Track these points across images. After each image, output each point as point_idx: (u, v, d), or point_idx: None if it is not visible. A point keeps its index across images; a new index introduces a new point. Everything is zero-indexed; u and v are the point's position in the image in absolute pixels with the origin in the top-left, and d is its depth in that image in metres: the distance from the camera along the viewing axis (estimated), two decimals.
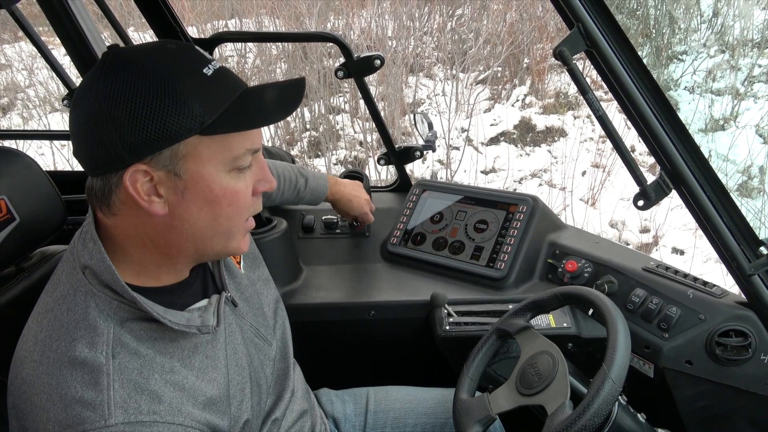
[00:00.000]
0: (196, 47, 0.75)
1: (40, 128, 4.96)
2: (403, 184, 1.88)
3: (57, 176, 1.09)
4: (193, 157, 0.70)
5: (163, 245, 0.76)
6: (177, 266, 0.80)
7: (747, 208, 3.30)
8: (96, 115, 0.68)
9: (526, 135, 4.59)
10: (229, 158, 0.72)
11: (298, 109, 4.84)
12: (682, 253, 3.22)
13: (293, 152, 4.57)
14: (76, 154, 0.73)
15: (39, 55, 2.13)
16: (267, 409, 0.94)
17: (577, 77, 1.00)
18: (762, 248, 1.04)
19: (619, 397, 1.02)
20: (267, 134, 4.60)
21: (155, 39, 1.84)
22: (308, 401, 1.09)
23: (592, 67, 1.03)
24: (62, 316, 0.72)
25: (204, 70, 0.71)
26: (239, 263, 0.98)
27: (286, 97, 0.74)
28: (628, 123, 1.05)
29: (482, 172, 4.17)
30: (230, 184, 0.74)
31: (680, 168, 1.02)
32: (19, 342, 0.76)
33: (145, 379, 0.71)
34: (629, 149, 1.05)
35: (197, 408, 0.74)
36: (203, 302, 0.83)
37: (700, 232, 1.08)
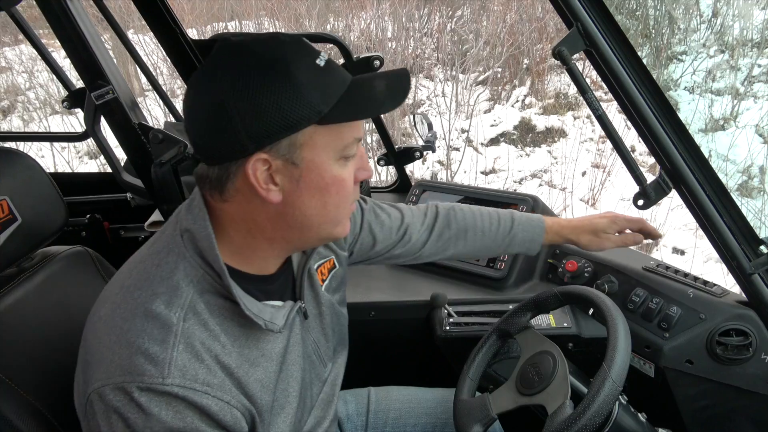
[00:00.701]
0: (304, 39, 0.75)
1: (40, 130, 4.97)
2: (403, 185, 1.88)
3: (58, 178, 1.10)
4: (309, 146, 0.72)
5: (270, 231, 0.78)
6: (273, 254, 0.82)
7: (747, 207, 3.30)
8: (219, 108, 0.69)
9: (526, 135, 4.60)
10: (340, 147, 0.74)
11: None
12: (682, 253, 3.22)
13: None
14: (195, 144, 0.75)
15: (39, 57, 2.14)
16: (305, 430, 0.93)
17: (576, 77, 1.00)
18: (762, 247, 1.03)
19: (620, 396, 1.02)
20: None
21: (155, 41, 1.84)
22: (336, 425, 1.07)
23: (591, 67, 1.03)
24: (151, 269, 0.76)
25: (317, 61, 0.72)
26: (324, 281, 0.98)
27: (395, 87, 0.75)
28: (628, 123, 1.05)
29: (482, 172, 4.18)
30: (338, 172, 0.76)
31: (680, 167, 1.02)
32: (108, 284, 0.81)
33: (206, 350, 0.73)
34: (629, 149, 1.05)
35: (239, 397, 0.76)
36: (278, 303, 0.84)
37: (700, 232, 1.08)
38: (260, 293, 0.81)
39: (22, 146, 4.02)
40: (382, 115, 1.82)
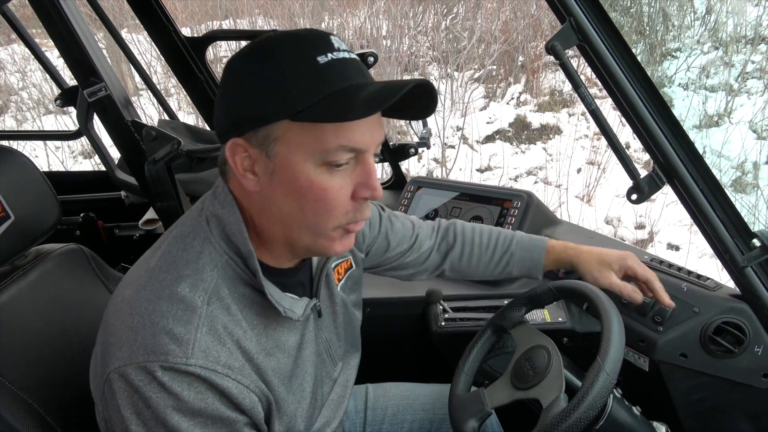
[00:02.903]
0: (333, 36, 0.74)
1: (34, 129, 4.94)
2: (398, 182, 1.88)
3: (52, 177, 1.09)
4: (284, 142, 0.71)
5: (258, 225, 0.78)
6: (274, 252, 0.81)
7: (741, 203, 3.32)
8: (218, 90, 0.75)
9: (521, 133, 4.61)
10: (318, 150, 0.70)
11: None
12: (677, 249, 3.24)
13: None
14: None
15: (32, 56, 2.13)
16: (316, 429, 0.93)
17: (569, 71, 1.00)
18: (755, 240, 1.04)
19: (614, 390, 1.03)
20: None
21: (149, 40, 1.84)
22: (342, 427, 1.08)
23: (586, 64, 1.03)
24: (177, 252, 0.76)
25: (318, 58, 0.70)
26: (339, 280, 0.98)
27: (379, 97, 0.69)
28: (623, 120, 1.05)
29: (478, 170, 4.18)
30: (319, 178, 0.72)
31: (672, 161, 1.02)
32: (132, 268, 0.80)
33: (228, 334, 0.73)
34: (624, 146, 1.05)
35: (259, 382, 0.77)
36: (296, 297, 0.84)
37: (695, 228, 1.08)
38: (278, 286, 0.81)
39: (15, 145, 3.99)
40: None
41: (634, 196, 1.07)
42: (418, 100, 0.74)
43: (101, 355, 0.74)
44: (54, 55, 2.62)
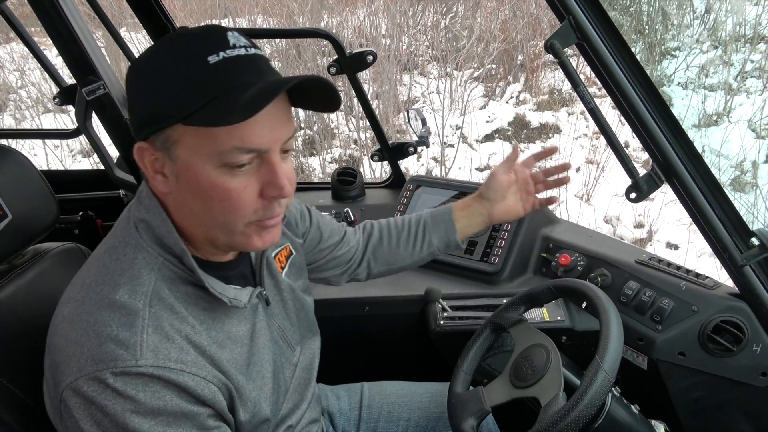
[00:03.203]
0: (229, 30, 0.72)
1: (33, 128, 4.94)
2: (397, 181, 1.88)
3: (50, 176, 1.09)
4: (182, 145, 0.70)
5: (179, 225, 0.78)
6: (203, 248, 0.81)
7: (740, 202, 3.32)
8: (126, 91, 0.74)
9: (520, 132, 4.60)
10: (214, 152, 0.70)
11: (292, 108, 4.83)
12: (676, 248, 3.24)
13: None
14: None
15: (31, 55, 2.12)
16: (283, 414, 0.94)
17: (568, 70, 1.00)
18: (753, 239, 1.04)
19: (613, 388, 1.03)
20: None
21: (148, 39, 1.83)
22: (317, 411, 1.09)
23: (585, 63, 1.03)
24: (110, 263, 0.76)
25: (209, 58, 0.68)
26: (283, 268, 0.99)
27: (260, 98, 0.67)
28: (622, 119, 1.06)
29: (477, 169, 4.18)
30: (220, 180, 0.71)
31: (671, 159, 1.02)
32: (68, 287, 0.80)
33: (175, 332, 0.73)
34: (623, 145, 1.05)
35: (216, 373, 0.76)
36: (239, 287, 0.84)
37: (694, 227, 1.08)
38: (220, 279, 0.81)
39: (14, 144, 3.99)
40: (376, 111, 1.82)
41: (633, 195, 1.07)
42: (323, 92, 0.74)
43: (51, 378, 0.73)
44: (53, 54, 2.62)
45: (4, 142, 3.40)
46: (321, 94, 0.74)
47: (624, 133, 3.76)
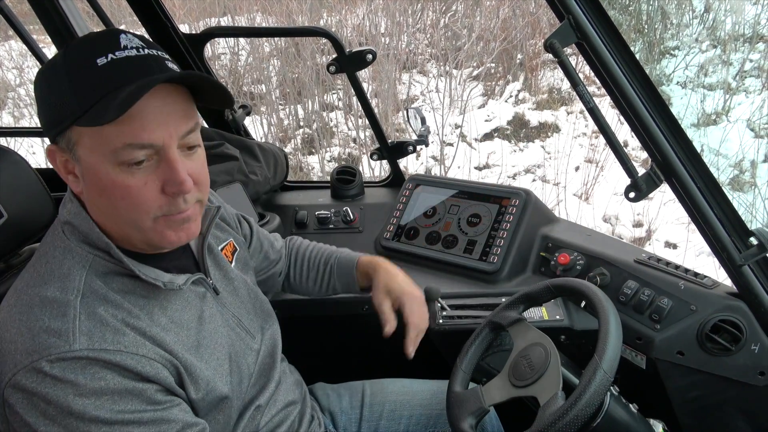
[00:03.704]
0: (124, 33, 0.74)
1: (32, 126, 4.93)
2: (396, 179, 1.88)
3: (48, 174, 1.09)
4: (81, 146, 0.73)
5: (96, 221, 0.79)
6: (127, 243, 0.81)
7: (739, 201, 3.33)
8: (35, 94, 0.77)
9: (519, 131, 4.60)
10: (108, 151, 0.71)
11: (291, 107, 4.83)
12: (675, 247, 3.24)
13: (287, 149, 4.56)
14: None
15: (30, 53, 2.12)
16: (251, 395, 0.96)
17: (567, 69, 1.00)
18: (752, 239, 1.04)
19: (611, 387, 1.03)
20: (261, 131, 4.59)
21: (147, 37, 1.83)
22: (297, 393, 1.10)
23: (585, 62, 1.03)
24: (40, 267, 0.78)
25: (98, 60, 0.70)
26: (231, 263, 1.02)
27: (132, 96, 0.69)
28: (621, 118, 1.06)
29: (476, 167, 4.18)
30: (119, 178, 0.73)
31: (670, 159, 1.02)
32: (3, 300, 0.81)
33: (111, 316, 0.74)
34: (622, 144, 1.06)
35: (159, 352, 0.77)
36: (175, 275, 0.85)
37: (693, 226, 1.08)
38: (157, 266, 0.83)
39: (12, 142, 3.98)
40: (375, 110, 1.82)
41: (632, 195, 1.07)
42: (213, 88, 0.76)
43: None
44: (51, 52, 2.61)
45: (2, 140, 3.39)
46: (213, 90, 0.77)
47: (623, 131, 3.77)
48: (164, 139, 0.73)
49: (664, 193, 3.30)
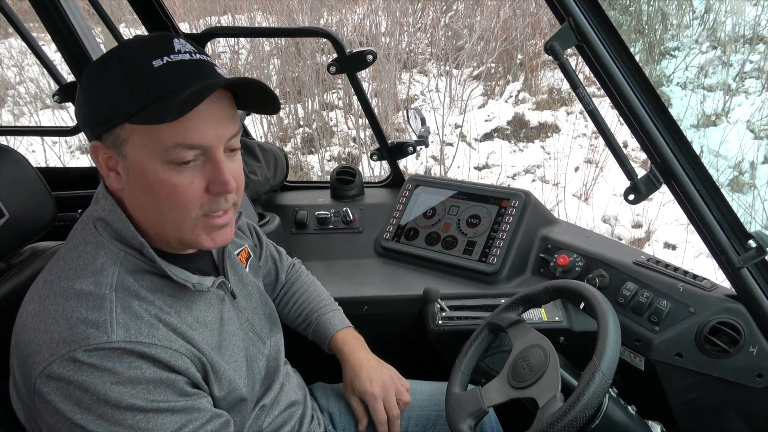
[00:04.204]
0: (176, 38, 0.76)
1: (31, 125, 4.92)
2: (396, 180, 1.88)
3: (48, 173, 1.09)
4: (131, 143, 0.75)
5: (135, 219, 0.81)
6: (162, 242, 0.83)
7: (738, 203, 3.33)
8: (78, 93, 0.77)
9: (519, 131, 4.60)
10: (159, 150, 0.74)
11: (291, 106, 4.83)
12: (674, 248, 3.24)
13: (287, 149, 4.56)
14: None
15: (29, 51, 2.11)
16: (257, 396, 0.98)
17: (568, 72, 1.01)
18: (750, 241, 1.04)
19: (610, 389, 1.03)
20: (260, 130, 4.59)
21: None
22: (300, 394, 1.11)
23: (585, 63, 1.03)
24: (72, 261, 0.78)
25: (154, 62, 0.73)
26: (246, 266, 1.04)
27: (193, 98, 0.72)
28: (621, 119, 1.06)
29: (476, 168, 4.18)
30: (166, 176, 0.75)
31: (670, 162, 1.02)
32: (30, 288, 0.82)
33: (145, 311, 0.76)
34: (621, 145, 1.06)
35: (190, 348, 0.80)
36: (201, 276, 0.89)
37: (692, 227, 1.09)
38: (185, 266, 0.86)
39: (12, 141, 3.98)
40: (375, 110, 1.82)
41: (631, 197, 1.08)
42: (262, 94, 0.78)
43: (21, 375, 0.75)
44: (51, 50, 2.61)
45: (2, 139, 3.39)
46: (261, 97, 0.79)
47: (623, 132, 3.76)
48: (213, 141, 0.76)
49: (663, 194, 3.30)
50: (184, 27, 5.25)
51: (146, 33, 1.76)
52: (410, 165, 4.21)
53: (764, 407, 1.18)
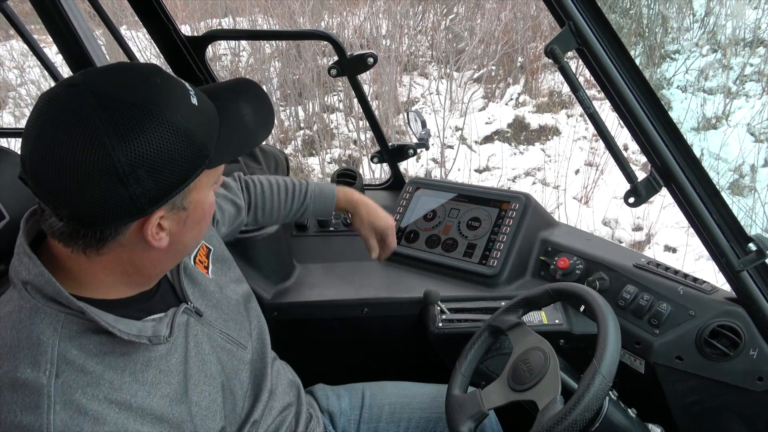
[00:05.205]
0: (174, 77, 0.72)
1: None
2: (396, 182, 1.88)
3: None
4: (197, 188, 0.74)
5: (150, 268, 0.78)
6: (152, 281, 0.83)
7: (738, 206, 3.33)
8: (111, 173, 0.63)
9: (519, 134, 4.61)
10: (215, 178, 0.78)
11: (292, 108, 4.83)
12: (674, 251, 3.24)
13: (287, 151, 4.56)
14: (74, 212, 0.65)
15: (30, 53, 2.12)
16: (245, 413, 0.94)
17: (568, 75, 1.01)
18: (751, 245, 1.04)
19: (610, 392, 1.03)
20: None
21: (148, 37, 1.83)
22: (292, 395, 1.09)
23: (585, 66, 1.03)
24: (6, 334, 0.70)
25: (192, 101, 0.70)
26: (207, 268, 0.97)
27: (260, 111, 0.74)
28: (621, 122, 1.06)
29: (476, 170, 4.19)
30: (211, 197, 0.79)
31: (670, 165, 1.03)
32: None
33: (89, 399, 0.69)
34: (622, 148, 1.06)
35: (146, 425, 0.73)
36: (160, 314, 0.81)
37: (692, 230, 1.09)
38: (140, 312, 0.79)
39: (13, 143, 3.98)
40: (376, 112, 1.82)
41: (631, 200, 1.08)
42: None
43: None
44: (52, 51, 2.62)
45: (3, 141, 3.38)
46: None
47: (623, 135, 3.77)
48: None
49: (664, 196, 3.30)
50: (186, 29, 5.26)
51: (148, 35, 1.76)
52: (411, 167, 4.21)
53: (764, 410, 1.18)
